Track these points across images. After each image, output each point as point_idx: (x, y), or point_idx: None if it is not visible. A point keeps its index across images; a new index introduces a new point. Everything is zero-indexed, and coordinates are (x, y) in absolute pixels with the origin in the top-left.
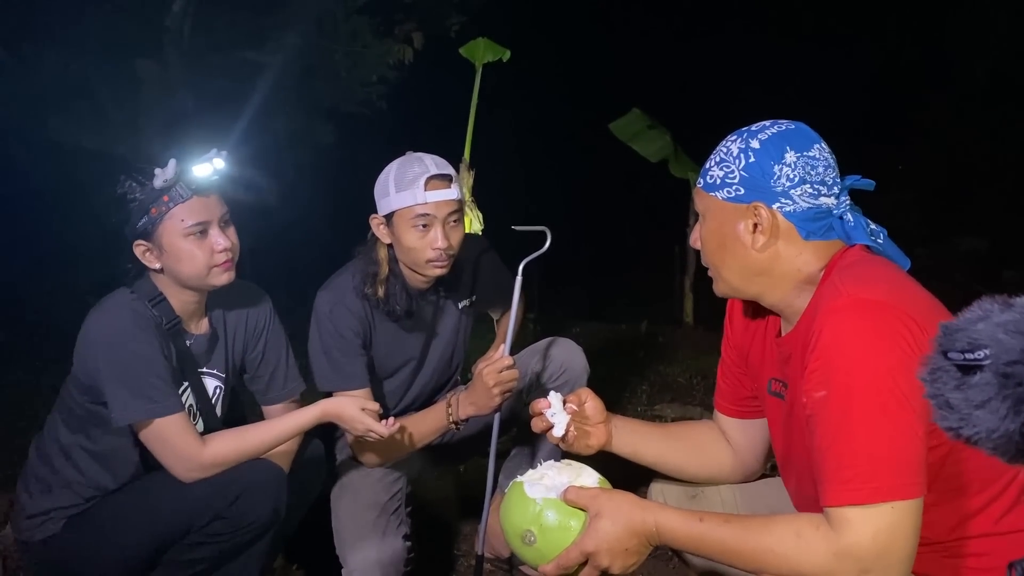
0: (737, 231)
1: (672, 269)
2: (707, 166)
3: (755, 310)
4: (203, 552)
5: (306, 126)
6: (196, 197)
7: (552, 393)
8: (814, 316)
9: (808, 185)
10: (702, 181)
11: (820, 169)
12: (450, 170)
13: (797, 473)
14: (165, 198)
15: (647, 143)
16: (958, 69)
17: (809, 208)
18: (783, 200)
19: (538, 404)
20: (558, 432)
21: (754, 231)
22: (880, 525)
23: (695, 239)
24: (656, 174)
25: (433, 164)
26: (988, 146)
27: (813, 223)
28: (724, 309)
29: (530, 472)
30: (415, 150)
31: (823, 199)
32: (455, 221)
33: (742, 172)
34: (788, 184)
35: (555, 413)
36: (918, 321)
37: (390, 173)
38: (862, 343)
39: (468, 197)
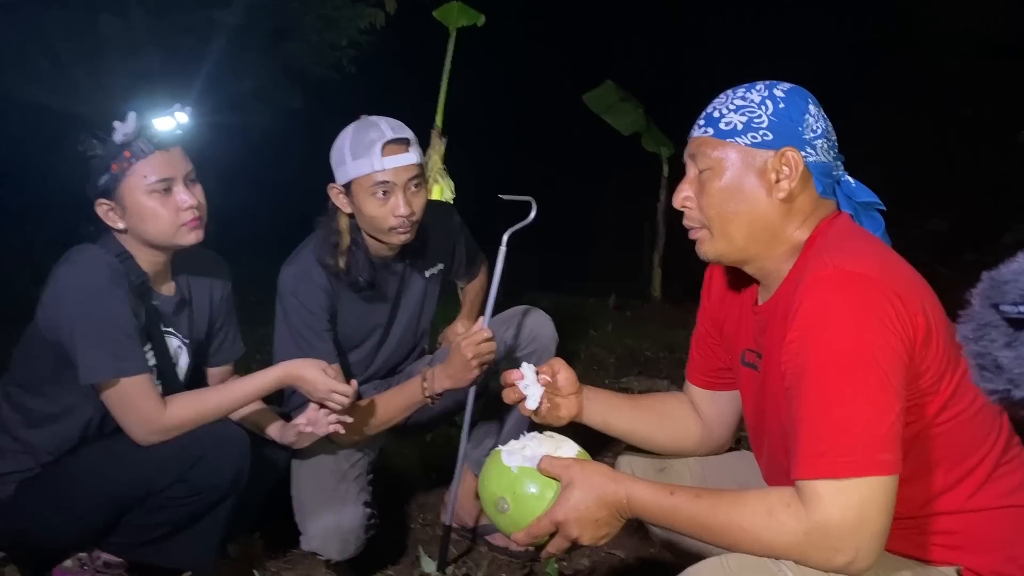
0: (757, 180)
1: (641, 244)
2: (715, 115)
3: (734, 279)
4: (163, 516)
5: (274, 89)
6: (158, 152)
7: (525, 364)
8: (796, 285)
9: (825, 140)
10: (711, 130)
11: (830, 128)
12: (408, 133)
13: (768, 445)
14: (126, 153)
15: (620, 116)
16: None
17: (826, 163)
18: (808, 149)
19: (510, 375)
20: (531, 404)
21: (777, 180)
22: (851, 500)
23: (685, 197)
24: (628, 148)
25: (389, 128)
26: (955, 129)
27: (826, 178)
28: (692, 285)
29: (512, 442)
30: (387, 116)
31: (830, 156)
32: (416, 186)
33: (771, 117)
34: (813, 134)
35: (528, 385)
36: (902, 297)
37: (345, 140)
38: (844, 316)
39: (440, 165)
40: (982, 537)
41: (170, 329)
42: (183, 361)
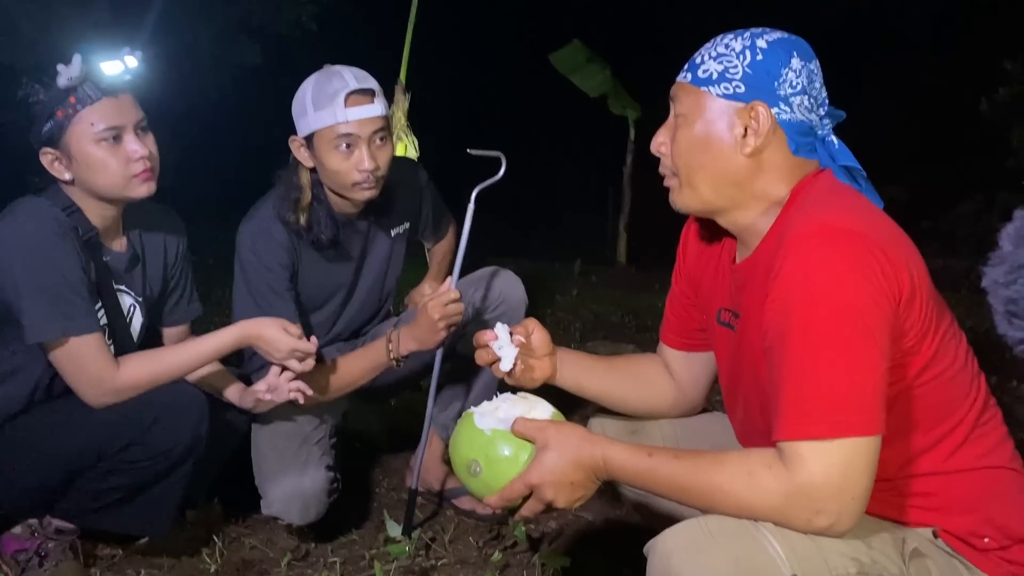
0: (725, 132)
1: (606, 209)
2: (697, 60)
3: (711, 236)
4: (117, 480)
5: (231, 45)
6: (106, 99)
7: (498, 325)
8: (779, 241)
9: (807, 96)
10: (690, 75)
11: (817, 84)
12: (372, 83)
13: (744, 406)
14: (72, 99)
15: (586, 77)
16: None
17: (803, 121)
18: (783, 106)
19: (483, 336)
20: (506, 366)
21: (744, 134)
22: (834, 461)
23: (660, 143)
24: (595, 110)
25: (353, 78)
26: (917, 98)
27: (802, 137)
28: (658, 250)
29: (484, 404)
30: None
31: (814, 115)
32: (381, 140)
33: (746, 69)
34: (791, 90)
35: (502, 346)
36: (888, 254)
37: (307, 90)
38: (830, 273)
39: (403, 121)
40: (959, 498)
41: (122, 287)
42: (136, 320)
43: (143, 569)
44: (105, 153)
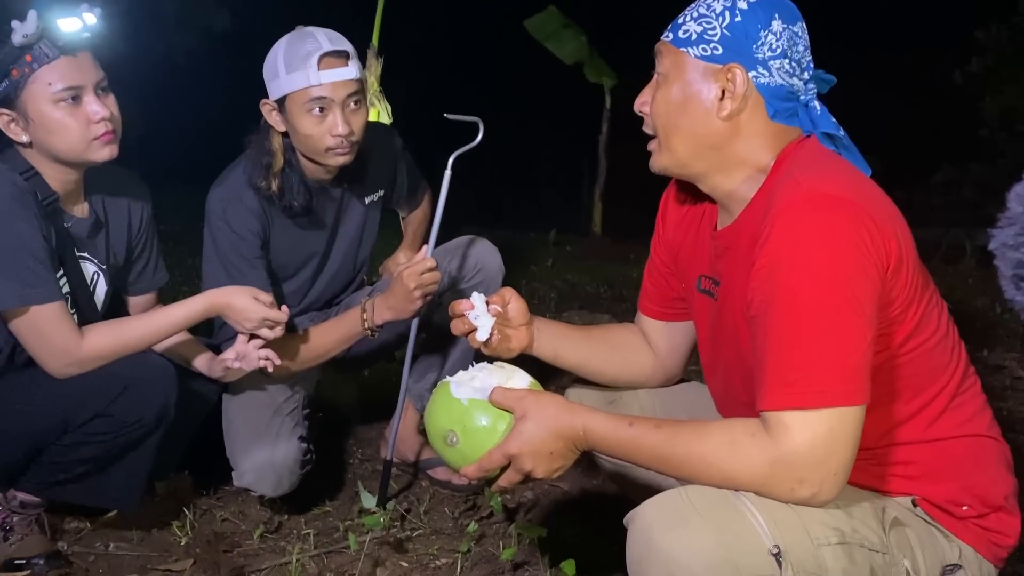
0: (702, 94)
1: (581, 179)
2: (680, 21)
3: (691, 203)
4: (83, 452)
5: (196, 9)
6: (64, 57)
7: (475, 294)
8: (766, 208)
9: (787, 60)
10: (671, 35)
11: (800, 48)
12: (346, 45)
13: (724, 375)
14: (28, 57)
15: (562, 44)
16: None
17: (782, 85)
18: (761, 69)
19: (459, 305)
20: (482, 336)
21: (722, 97)
22: (819, 431)
23: (643, 102)
24: (570, 78)
25: (327, 39)
26: (892, 69)
27: (781, 102)
28: (633, 220)
29: (460, 373)
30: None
31: (795, 80)
32: (356, 103)
33: (724, 30)
34: (770, 54)
35: (479, 315)
36: (876, 221)
37: (279, 51)
38: (818, 240)
39: (376, 87)
40: (939, 467)
41: (85, 254)
42: (101, 289)
43: (112, 542)
44: (64, 114)
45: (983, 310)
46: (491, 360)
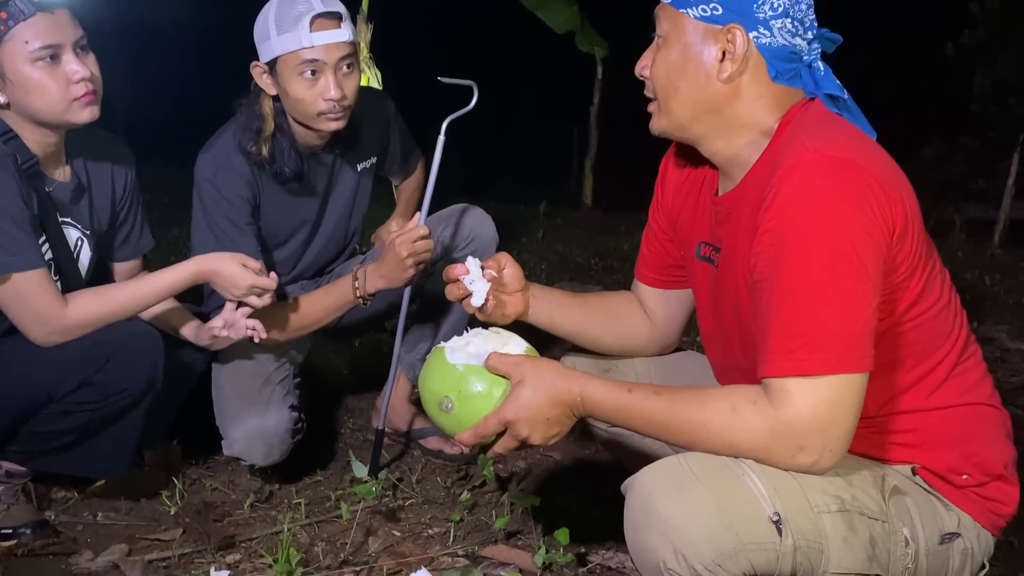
0: (702, 56)
1: (571, 150)
2: None
3: (691, 168)
4: (69, 422)
5: None
6: (41, 14)
7: (470, 259)
8: (770, 172)
9: (789, 20)
10: None
11: (803, 7)
12: (339, 6)
13: (724, 343)
14: (2, 14)
15: (553, 13)
16: None
17: (784, 46)
18: (762, 29)
19: (454, 270)
20: (477, 301)
21: (722, 59)
22: (821, 398)
23: (644, 66)
24: (562, 47)
25: (319, 0)
26: (882, 44)
27: (784, 63)
28: (624, 192)
29: (455, 339)
30: None
31: (798, 40)
32: (348, 67)
33: None
34: (771, 13)
35: (474, 280)
36: (884, 186)
37: (270, 12)
38: (825, 204)
39: (366, 53)
40: (939, 435)
41: (68, 219)
42: (85, 255)
43: (100, 512)
44: (42, 74)
45: (973, 283)
46: (486, 326)
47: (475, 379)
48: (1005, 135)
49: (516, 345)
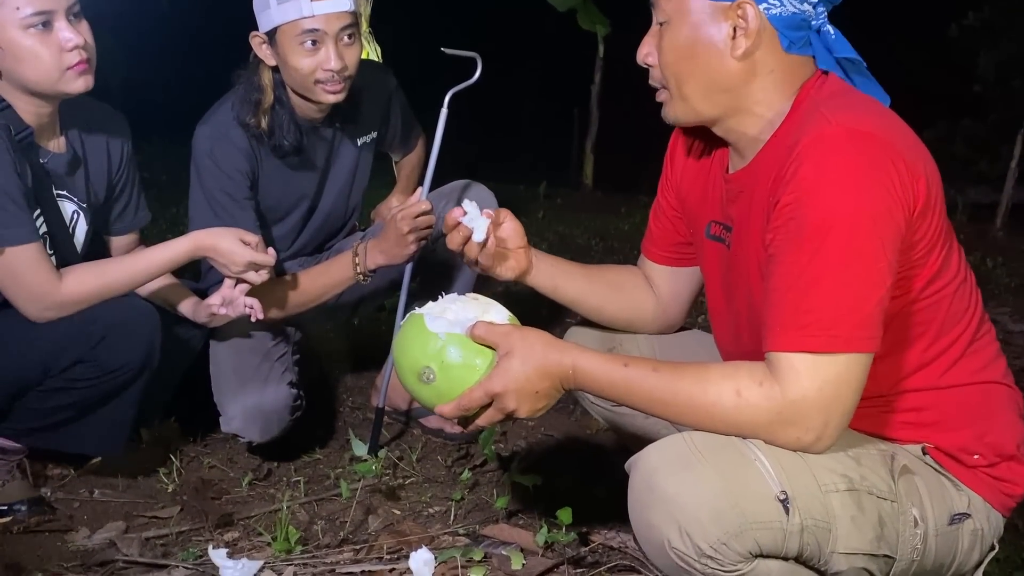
0: (712, 36)
1: (572, 130)
2: None
3: (702, 145)
4: (65, 399)
5: None
6: None
7: (466, 201)
8: (788, 147)
9: None
10: None
11: None
12: None
13: (733, 323)
14: None
15: None
16: None
17: (794, 14)
18: (770, 0)
19: (452, 214)
20: (479, 236)
21: (734, 36)
22: (829, 377)
23: (646, 53)
24: (563, 25)
25: None
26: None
27: (795, 32)
28: (625, 173)
29: (430, 304)
30: None
31: (806, 5)
32: (349, 37)
33: None
34: None
35: (473, 218)
36: (907, 161)
37: None
38: (847, 181)
39: (365, 28)
40: (951, 414)
41: (63, 192)
42: (80, 229)
43: (96, 489)
44: (34, 42)
45: (975, 265)
46: (463, 293)
47: (458, 349)
48: (1008, 117)
49: (497, 313)
